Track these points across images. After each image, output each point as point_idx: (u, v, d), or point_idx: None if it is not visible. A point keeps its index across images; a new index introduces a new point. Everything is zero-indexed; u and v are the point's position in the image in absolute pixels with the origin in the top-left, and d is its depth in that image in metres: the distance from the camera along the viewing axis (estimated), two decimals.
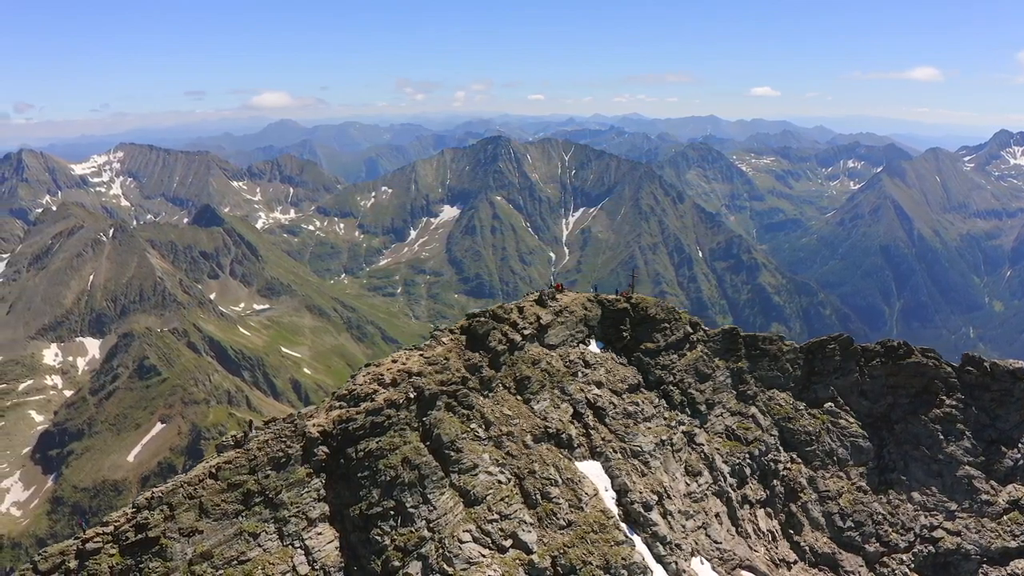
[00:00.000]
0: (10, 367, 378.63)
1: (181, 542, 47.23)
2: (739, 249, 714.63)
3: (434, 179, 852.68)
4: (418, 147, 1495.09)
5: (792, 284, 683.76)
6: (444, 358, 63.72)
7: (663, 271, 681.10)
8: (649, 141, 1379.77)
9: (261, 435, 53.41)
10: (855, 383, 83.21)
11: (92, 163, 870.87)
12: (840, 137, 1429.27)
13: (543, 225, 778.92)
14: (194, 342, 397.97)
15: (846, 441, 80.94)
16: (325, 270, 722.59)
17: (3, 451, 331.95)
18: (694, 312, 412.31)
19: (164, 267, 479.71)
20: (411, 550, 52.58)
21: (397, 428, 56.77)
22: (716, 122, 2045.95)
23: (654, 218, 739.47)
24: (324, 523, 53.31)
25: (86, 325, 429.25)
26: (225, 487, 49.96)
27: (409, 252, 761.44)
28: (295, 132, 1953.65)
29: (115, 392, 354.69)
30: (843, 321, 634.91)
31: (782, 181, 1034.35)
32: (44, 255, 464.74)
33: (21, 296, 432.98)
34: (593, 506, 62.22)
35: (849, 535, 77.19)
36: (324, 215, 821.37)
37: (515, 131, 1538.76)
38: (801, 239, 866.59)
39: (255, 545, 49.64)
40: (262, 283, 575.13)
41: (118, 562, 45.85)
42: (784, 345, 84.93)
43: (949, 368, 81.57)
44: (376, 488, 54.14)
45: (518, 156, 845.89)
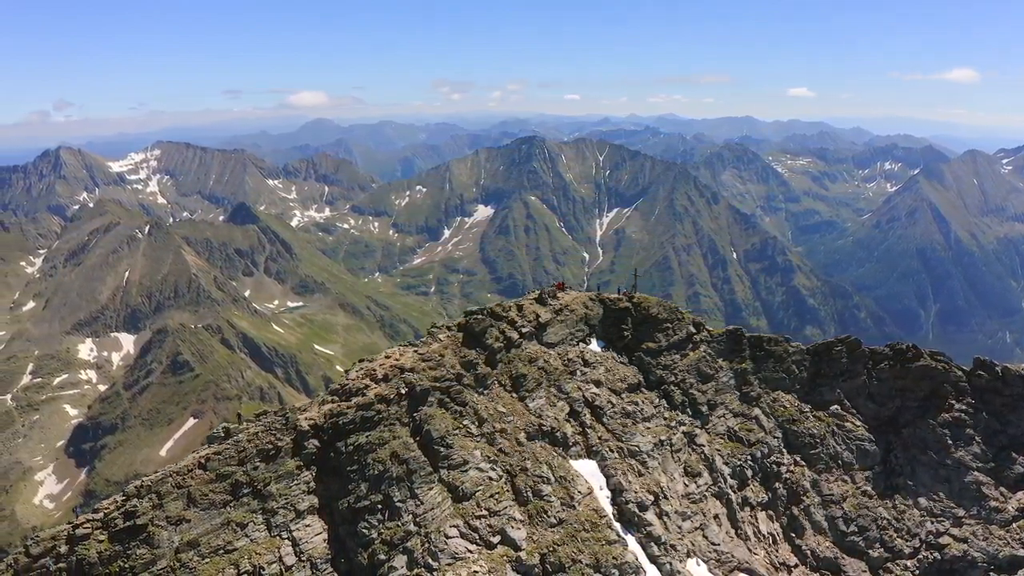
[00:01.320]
0: (46, 361, 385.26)
1: (168, 530, 48.21)
2: (774, 251, 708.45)
3: (468, 178, 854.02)
4: (453, 146, 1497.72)
5: (827, 287, 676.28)
6: (439, 355, 64.18)
7: (697, 272, 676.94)
8: (684, 142, 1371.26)
9: (251, 427, 54.20)
10: (862, 386, 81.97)
11: (129, 161, 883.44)
12: (877, 139, 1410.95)
13: (577, 225, 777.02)
14: (228, 338, 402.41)
15: (852, 444, 79.80)
16: (359, 268, 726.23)
17: (38, 444, 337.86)
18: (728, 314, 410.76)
19: (199, 264, 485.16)
20: (397, 544, 53.12)
21: (387, 423, 57.40)
22: (752, 123, 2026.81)
23: (688, 219, 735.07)
24: (313, 515, 54.04)
25: (121, 321, 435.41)
26: (213, 477, 50.89)
27: (443, 251, 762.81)
28: (331, 131, 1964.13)
29: (148, 387, 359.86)
30: (878, 324, 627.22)
31: (818, 183, 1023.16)
32: (80, 251, 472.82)
33: (57, 291, 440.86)
34: (586, 505, 62.16)
35: (852, 540, 76.10)
36: (359, 214, 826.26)
37: (550, 131, 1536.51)
38: (837, 241, 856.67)
39: (242, 535, 50.52)
40: (296, 281, 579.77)
41: (106, 548, 46.91)
42: (789, 346, 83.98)
43: (959, 372, 79.98)
44: (364, 482, 54.85)
45: (552, 156, 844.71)
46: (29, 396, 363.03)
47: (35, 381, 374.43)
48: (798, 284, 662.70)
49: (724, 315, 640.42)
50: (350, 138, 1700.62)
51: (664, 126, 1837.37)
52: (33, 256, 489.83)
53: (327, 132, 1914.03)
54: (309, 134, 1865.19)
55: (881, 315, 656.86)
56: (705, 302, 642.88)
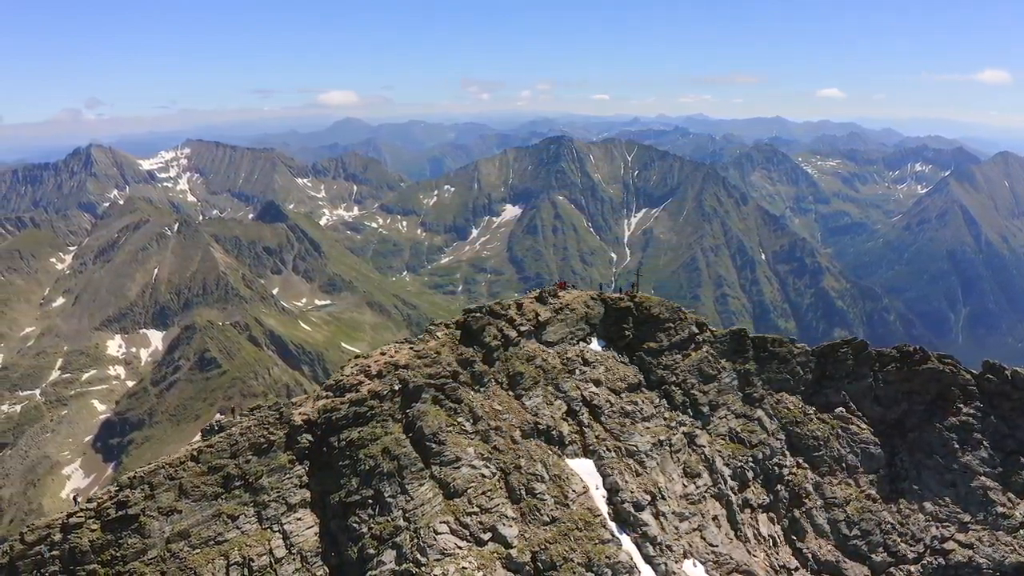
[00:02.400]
0: (75, 357, 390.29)
1: (160, 521, 49.18)
2: (803, 252, 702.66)
3: (496, 178, 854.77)
4: (482, 146, 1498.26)
5: (856, 289, 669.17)
6: (435, 352, 64.55)
7: (725, 273, 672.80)
8: (714, 142, 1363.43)
9: (244, 421, 54.88)
10: (868, 388, 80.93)
11: (160, 159, 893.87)
12: (908, 140, 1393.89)
13: (605, 225, 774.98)
14: (255, 336, 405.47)
15: (856, 447, 78.84)
16: (387, 267, 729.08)
17: (66, 439, 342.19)
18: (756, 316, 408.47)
19: (227, 262, 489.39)
20: (386, 539, 53.62)
21: (379, 419, 57.94)
22: (782, 123, 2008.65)
23: (717, 220, 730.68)
24: (305, 509, 54.75)
25: (150, 317, 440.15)
26: (206, 470, 51.74)
27: (470, 250, 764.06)
28: (360, 130, 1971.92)
29: (176, 383, 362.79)
30: (907, 327, 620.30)
31: (848, 184, 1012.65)
32: (110, 248, 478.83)
33: (87, 288, 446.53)
34: (580, 504, 62.10)
35: (855, 543, 75.19)
36: (387, 213, 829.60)
37: (579, 131, 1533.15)
38: (866, 243, 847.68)
39: (233, 527, 51.37)
40: (324, 279, 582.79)
41: (99, 537, 47.99)
42: (795, 348, 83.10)
43: (968, 375, 78.63)
44: (356, 477, 55.47)
45: (581, 156, 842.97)
46: (58, 391, 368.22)
47: (64, 376, 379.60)
48: (827, 286, 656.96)
49: (752, 317, 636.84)
50: (379, 137, 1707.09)
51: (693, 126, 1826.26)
52: (63, 253, 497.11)
53: (356, 131, 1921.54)
54: (338, 133, 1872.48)
55: (910, 318, 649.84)
56: (733, 303, 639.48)
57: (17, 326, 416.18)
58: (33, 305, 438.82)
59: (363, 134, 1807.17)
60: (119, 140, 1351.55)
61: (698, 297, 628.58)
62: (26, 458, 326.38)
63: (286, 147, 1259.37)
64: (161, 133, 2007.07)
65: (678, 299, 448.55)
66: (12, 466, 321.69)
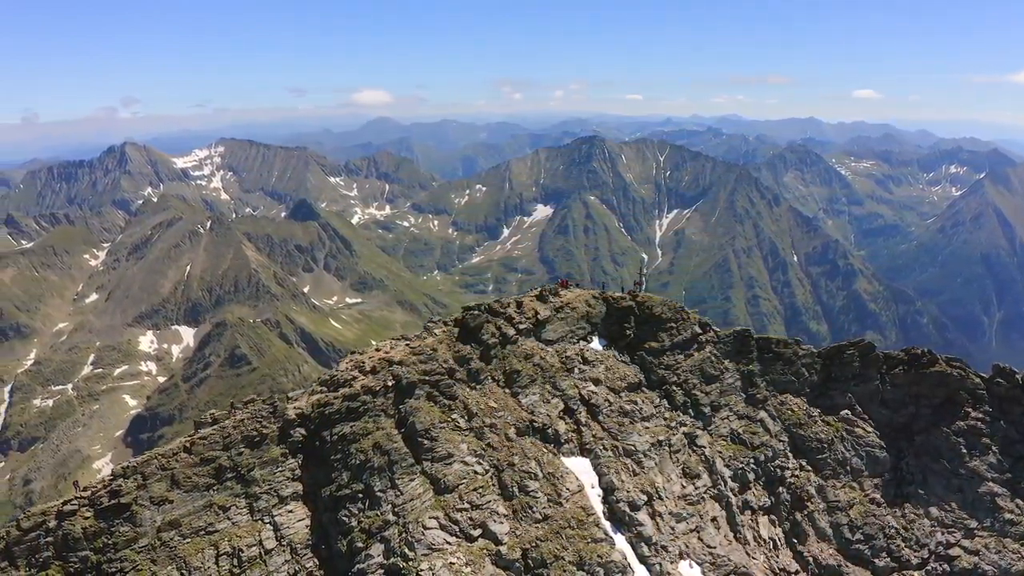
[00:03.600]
0: (107, 352, 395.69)
1: (151, 510, 50.23)
2: (835, 254, 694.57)
3: (528, 178, 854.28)
4: (514, 146, 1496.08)
5: (889, 291, 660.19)
6: (432, 349, 64.98)
7: (757, 275, 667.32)
8: (747, 143, 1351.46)
9: (238, 414, 55.66)
10: (875, 391, 79.77)
11: (193, 157, 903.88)
12: (943, 141, 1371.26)
13: (636, 226, 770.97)
14: (286, 333, 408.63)
15: (861, 451, 77.83)
16: (418, 266, 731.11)
17: (96, 433, 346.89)
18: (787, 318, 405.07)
19: (259, 259, 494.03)
20: (375, 533, 54.25)
21: (372, 414, 58.58)
22: (816, 124, 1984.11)
23: (749, 221, 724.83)
24: (296, 502, 55.53)
25: (181, 314, 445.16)
26: (198, 461, 52.69)
27: (501, 250, 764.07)
28: (393, 129, 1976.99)
29: (206, 380, 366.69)
30: (940, 331, 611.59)
31: (882, 186, 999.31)
32: (143, 245, 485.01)
33: (120, 284, 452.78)
34: (574, 502, 62.27)
35: (858, 548, 74.17)
36: (419, 212, 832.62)
37: (612, 131, 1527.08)
38: (900, 245, 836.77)
39: (224, 518, 52.31)
40: (355, 277, 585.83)
41: (91, 524, 49.16)
42: (800, 349, 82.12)
43: (977, 379, 77.13)
44: (347, 471, 56.19)
45: (612, 156, 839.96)
46: (90, 386, 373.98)
47: (96, 371, 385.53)
48: (860, 288, 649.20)
49: (784, 319, 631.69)
50: (411, 136, 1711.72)
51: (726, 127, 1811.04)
52: (97, 249, 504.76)
53: (389, 130, 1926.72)
54: (371, 132, 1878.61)
55: (944, 321, 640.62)
56: (765, 305, 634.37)
57: (51, 321, 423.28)
58: (66, 301, 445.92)
59: (396, 133, 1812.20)
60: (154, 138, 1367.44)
61: (729, 298, 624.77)
62: (58, 452, 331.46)
63: (319, 146, 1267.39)
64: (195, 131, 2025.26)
65: (709, 300, 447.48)
66: (44, 460, 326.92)
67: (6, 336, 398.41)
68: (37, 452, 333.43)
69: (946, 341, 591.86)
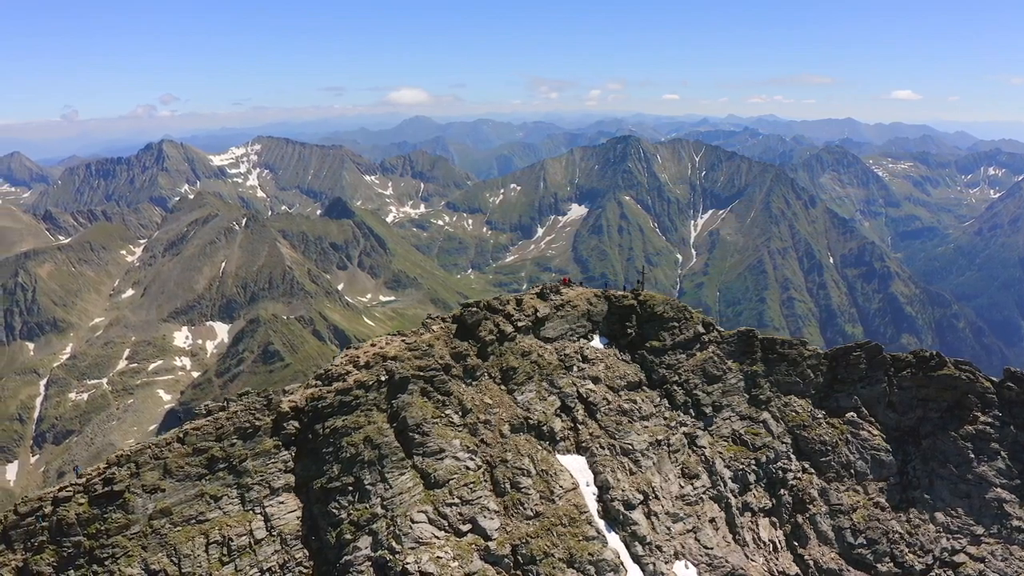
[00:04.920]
0: (142, 347, 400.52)
1: (143, 498, 51.19)
2: (871, 256, 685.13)
3: (563, 177, 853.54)
4: (550, 145, 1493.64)
5: (925, 294, 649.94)
6: (428, 345, 65.37)
7: (792, 276, 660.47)
8: (783, 143, 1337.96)
9: (232, 406, 56.52)
10: (882, 394, 78.78)
11: (230, 155, 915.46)
12: (981, 143, 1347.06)
13: (671, 226, 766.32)
14: (319, 330, 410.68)
15: (866, 454, 76.81)
16: (452, 265, 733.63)
17: (130, 427, 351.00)
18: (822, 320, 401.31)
19: (294, 257, 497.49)
20: (363, 525, 54.98)
21: (364, 408, 59.18)
22: (854, 125, 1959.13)
23: (784, 222, 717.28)
24: (288, 493, 56.32)
25: (216, 310, 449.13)
26: (190, 451, 53.58)
27: (535, 249, 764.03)
28: (429, 128, 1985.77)
29: (239, 375, 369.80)
30: (977, 335, 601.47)
31: (919, 187, 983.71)
32: (179, 242, 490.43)
33: (156, 280, 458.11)
34: (567, 500, 62.44)
35: (860, 552, 73.28)
36: (453, 211, 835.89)
37: (648, 131, 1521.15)
38: (937, 248, 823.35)
39: (215, 507, 53.21)
40: (389, 275, 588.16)
41: (85, 511, 50.17)
42: (805, 350, 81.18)
43: (987, 383, 75.85)
44: (338, 464, 56.87)
45: (648, 156, 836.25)
46: (124, 380, 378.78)
47: (131, 366, 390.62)
48: (895, 291, 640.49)
49: (819, 321, 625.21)
50: (447, 135, 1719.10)
51: (763, 127, 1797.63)
52: (133, 245, 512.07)
53: (425, 129, 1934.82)
54: (408, 131, 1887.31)
55: (980, 325, 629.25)
56: (799, 307, 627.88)
57: (87, 316, 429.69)
58: (103, 296, 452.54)
59: (432, 132, 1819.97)
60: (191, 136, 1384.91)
61: (764, 300, 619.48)
62: (92, 445, 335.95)
63: (355, 144, 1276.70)
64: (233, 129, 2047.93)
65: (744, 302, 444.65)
66: (78, 453, 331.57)
67: (43, 330, 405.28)
68: (71, 445, 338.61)
69: (983, 345, 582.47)
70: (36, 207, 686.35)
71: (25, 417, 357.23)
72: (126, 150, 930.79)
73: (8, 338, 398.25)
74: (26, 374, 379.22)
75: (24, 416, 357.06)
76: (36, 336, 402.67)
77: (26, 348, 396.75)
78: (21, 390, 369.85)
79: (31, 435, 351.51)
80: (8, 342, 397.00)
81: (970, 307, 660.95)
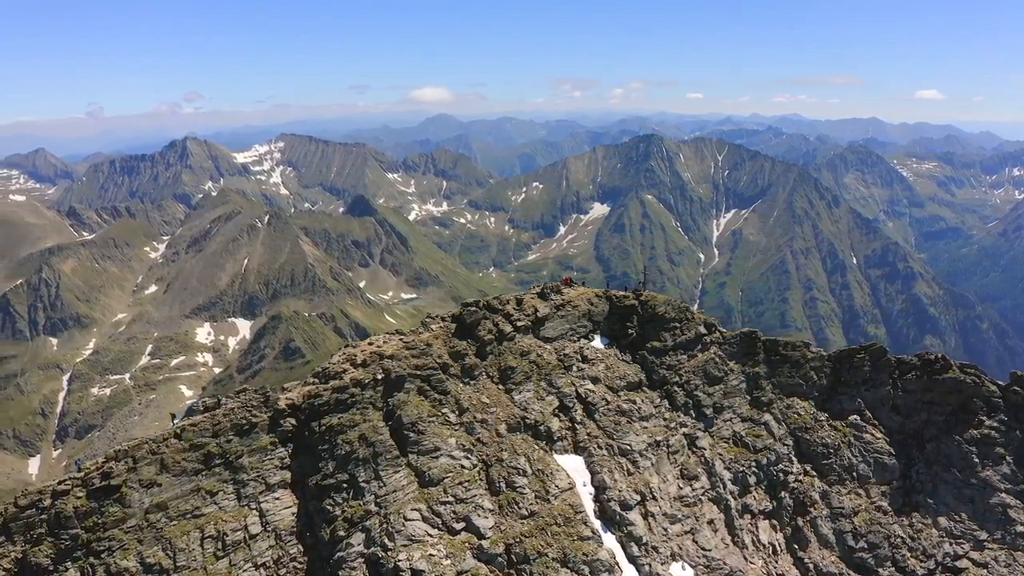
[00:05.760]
0: (164, 343, 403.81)
1: (140, 492, 52.26)
2: (895, 257, 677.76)
3: (585, 176, 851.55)
4: (572, 144, 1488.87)
5: (949, 296, 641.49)
6: (427, 344, 65.90)
7: (815, 277, 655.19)
8: (807, 143, 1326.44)
9: (229, 403, 57.27)
10: (886, 396, 78.00)
11: (254, 152, 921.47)
12: (1006, 143, 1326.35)
13: (693, 225, 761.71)
14: (340, 327, 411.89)
15: (869, 457, 76.15)
16: (474, 263, 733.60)
17: (152, 423, 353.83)
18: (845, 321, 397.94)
19: (316, 254, 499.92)
20: (357, 522, 55.62)
21: (360, 406, 59.85)
22: (878, 125, 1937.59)
23: (808, 222, 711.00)
24: (284, 489, 57.09)
25: (238, 306, 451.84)
26: (187, 447, 54.53)
27: (557, 248, 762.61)
28: (452, 126, 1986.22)
29: (260, 371, 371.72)
30: (1001, 336, 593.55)
31: (944, 188, 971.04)
32: (202, 238, 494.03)
33: (178, 276, 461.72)
34: (563, 499, 62.65)
35: (861, 556, 72.65)
36: (475, 209, 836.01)
37: (671, 130, 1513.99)
38: (961, 249, 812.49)
39: (211, 502, 54.14)
40: (411, 273, 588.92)
41: (83, 504, 51.35)
42: (809, 352, 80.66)
43: (993, 387, 74.80)
44: (333, 461, 57.58)
45: (670, 155, 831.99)
46: (147, 376, 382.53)
47: (153, 362, 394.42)
48: (919, 292, 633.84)
49: (841, 322, 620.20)
50: (470, 134, 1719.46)
51: (787, 126, 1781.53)
52: (157, 242, 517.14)
53: (448, 127, 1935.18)
54: (430, 129, 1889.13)
55: (1004, 327, 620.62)
56: (822, 307, 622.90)
57: (110, 312, 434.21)
58: (126, 292, 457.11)
59: (454, 130, 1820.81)
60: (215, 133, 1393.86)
61: (786, 300, 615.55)
62: (113, 440, 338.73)
63: (378, 142, 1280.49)
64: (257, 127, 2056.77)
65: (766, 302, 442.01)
66: (100, 447, 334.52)
67: (66, 326, 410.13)
68: (93, 440, 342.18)
69: (1007, 348, 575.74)
70: (61, 203, 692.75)
71: (48, 411, 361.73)
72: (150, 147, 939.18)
73: (32, 333, 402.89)
74: (49, 369, 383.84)
75: (47, 410, 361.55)
76: (59, 331, 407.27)
77: (49, 343, 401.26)
78: (44, 385, 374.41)
79: (53, 429, 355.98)
80: (32, 337, 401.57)
81: (994, 309, 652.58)
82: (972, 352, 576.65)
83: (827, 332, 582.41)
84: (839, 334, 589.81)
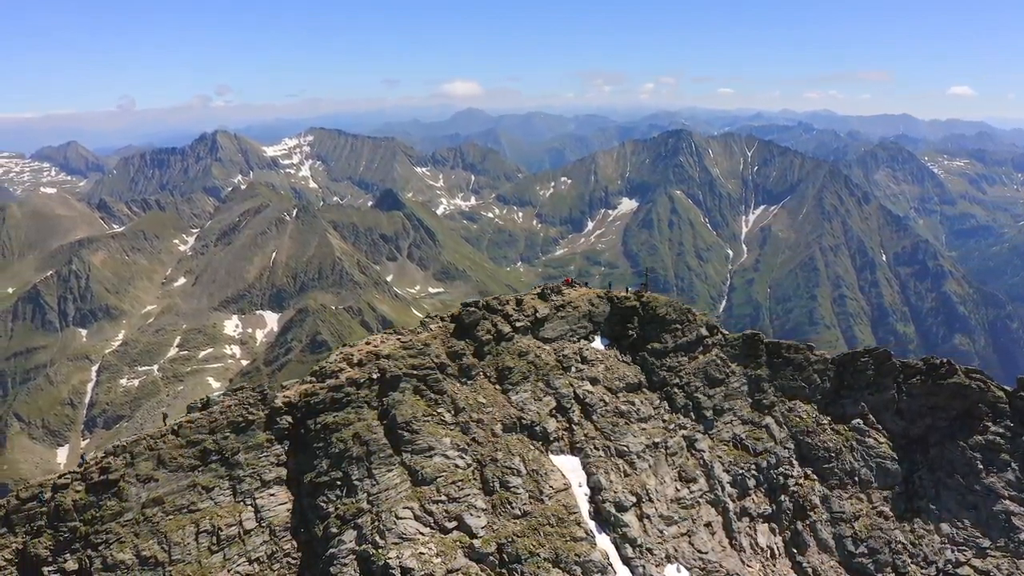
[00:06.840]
0: (193, 335, 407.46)
1: (137, 487, 53.64)
2: (925, 255, 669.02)
3: (614, 171, 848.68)
4: (601, 138, 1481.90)
5: (979, 294, 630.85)
6: (425, 344, 66.60)
7: (843, 274, 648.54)
8: (838, 139, 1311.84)
9: (226, 400, 58.39)
10: (890, 401, 77.25)
11: (283, 146, 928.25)
12: None
13: (722, 221, 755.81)
14: (367, 320, 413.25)
15: (871, 461, 75.47)
16: (502, 257, 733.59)
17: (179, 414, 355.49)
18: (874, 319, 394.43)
19: (343, 248, 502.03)
20: (349, 520, 56.45)
21: (355, 405, 60.75)
22: (909, 121, 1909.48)
23: (837, 219, 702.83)
24: (280, 486, 58.17)
25: (266, 299, 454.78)
26: (184, 443, 55.82)
27: (585, 243, 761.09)
28: (481, 120, 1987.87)
29: (287, 364, 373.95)
30: None
31: (975, 185, 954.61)
32: (231, 231, 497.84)
33: (207, 269, 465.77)
34: (557, 500, 62.96)
35: (860, 561, 72.03)
36: (503, 203, 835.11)
37: (701, 125, 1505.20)
38: (992, 247, 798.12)
39: (207, 498, 55.40)
40: (438, 267, 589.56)
41: (82, 498, 52.76)
42: (812, 355, 79.98)
43: (999, 392, 73.84)
44: (327, 459, 58.53)
45: (699, 150, 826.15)
46: (175, 368, 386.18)
47: (181, 354, 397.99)
48: (949, 290, 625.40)
49: (870, 319, 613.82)
50: (499, 128, 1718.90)
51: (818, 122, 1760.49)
52: (186, 235, 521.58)
53: (477, 121, 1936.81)
54: (460, 123, 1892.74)
55: None
56: (851, 305, 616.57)
57: (139, 304, 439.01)
58: (155, 284, 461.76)
59: (484, 125, 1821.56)
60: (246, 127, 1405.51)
61: (815, 297, 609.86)
62: (141, 430, 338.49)
63: (408, 136, 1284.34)
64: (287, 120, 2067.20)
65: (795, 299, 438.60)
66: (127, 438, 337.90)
67: (95, 317, 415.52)
68: (121, 431, 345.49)
69: None
70: (91, 196, 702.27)
71: (76, 402, 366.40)
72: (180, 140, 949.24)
73: (61, 324, 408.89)
74: (78, 360, 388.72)
75: (75, 401, 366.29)
76: (89, 323, 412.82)
77: (79, 334, 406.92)
78: (73, 375, 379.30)
79: (82, 420, 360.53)
80: (61, 328, 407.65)
81: None
82: (1001, 351, 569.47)
83: (856, 330, 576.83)
84: (867, 332, 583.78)
